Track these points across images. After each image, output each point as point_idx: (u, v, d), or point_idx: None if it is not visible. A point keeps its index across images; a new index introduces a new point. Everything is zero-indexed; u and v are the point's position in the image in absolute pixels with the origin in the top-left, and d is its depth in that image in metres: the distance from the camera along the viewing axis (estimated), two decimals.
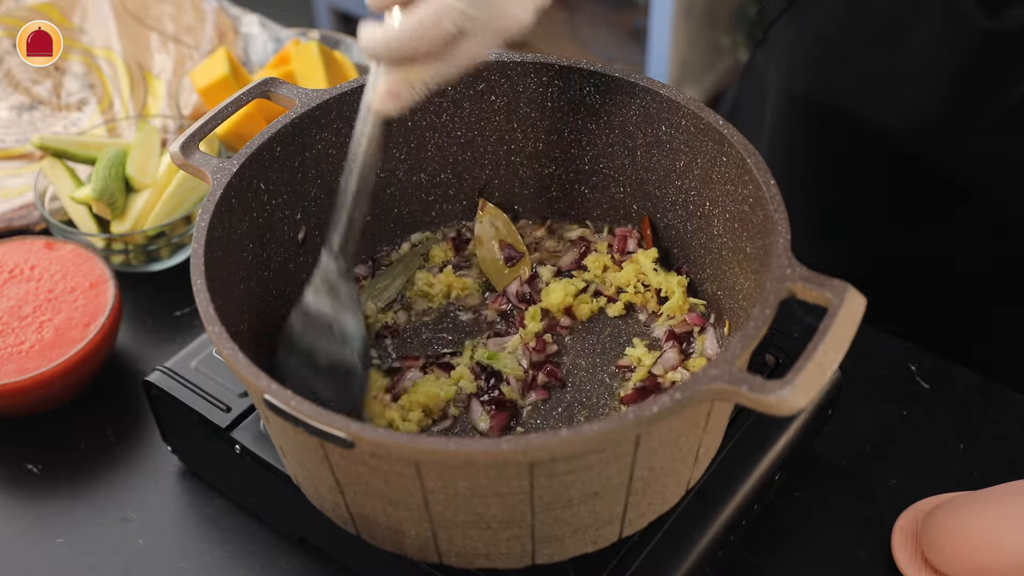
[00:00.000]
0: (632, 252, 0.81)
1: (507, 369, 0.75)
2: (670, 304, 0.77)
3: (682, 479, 0.67)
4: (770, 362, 0.78)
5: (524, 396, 0.74)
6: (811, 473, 0.82)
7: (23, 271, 0.89)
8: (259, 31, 1.22)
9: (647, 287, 0.79)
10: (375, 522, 0.64)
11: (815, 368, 0.54)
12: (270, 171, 0.74)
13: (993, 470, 0.81)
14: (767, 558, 0.77)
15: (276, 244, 0.76)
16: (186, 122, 1.07)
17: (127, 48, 1.18)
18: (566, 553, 0.65)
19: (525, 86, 0.79)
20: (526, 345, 0.76)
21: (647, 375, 0.74)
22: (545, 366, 0.75)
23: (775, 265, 0.60)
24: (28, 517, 0.82)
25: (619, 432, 0.55)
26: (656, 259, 0.80)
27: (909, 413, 0.86)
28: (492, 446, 0.55)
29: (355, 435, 0.55)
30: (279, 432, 0.64)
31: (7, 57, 1.17)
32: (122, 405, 0.89)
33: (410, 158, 0.82)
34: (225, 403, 0.76)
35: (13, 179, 1.07)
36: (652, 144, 0.77)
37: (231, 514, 0.81)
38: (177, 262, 0.99)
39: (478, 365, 0.75)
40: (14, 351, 0.84)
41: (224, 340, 0.60)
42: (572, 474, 0.58)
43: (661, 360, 0.75)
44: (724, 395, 0.55)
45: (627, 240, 0.82)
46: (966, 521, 0.72)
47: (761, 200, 0.66)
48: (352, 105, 0.77)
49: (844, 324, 0.56)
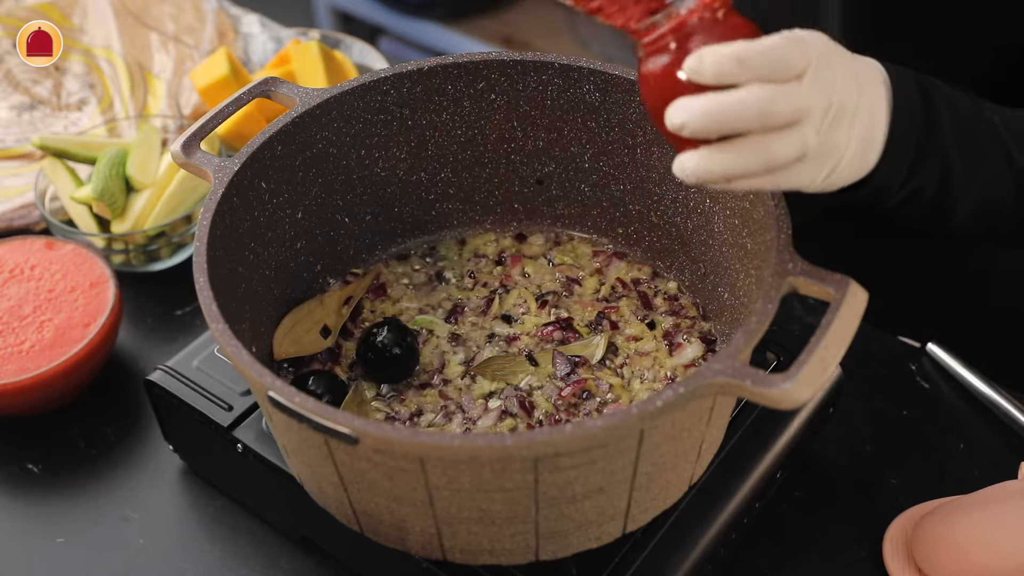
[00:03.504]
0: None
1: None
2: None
3: (685, 475, 0.67)
4: (771, 359, 0.78)
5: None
6: (811, 472, 0.82)
7: (23, 271, 0.89)
8: (259, 31, 1.22)
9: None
10: (379, 519, 0.64)
11: (818, 362, 0.54)
12: (271, 170, 0.74)
13: (993, 470, 0.81)
14: (767, 557, 0.77)
15: (277, 243, 0.76)
16: (186, 122, 1.07)
17: (127, 48, 1.18)
18: (569, 549, 0.65)
19: (525, 85, 0.79)
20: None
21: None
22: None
23: (776, 260, 0.60)
24: (28, 517, 0.82)
25: (623, 427, 0.55)
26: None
27: (909, 413, 0.86)
28: (496, 441, 0.55)
29: (359, 431, 0.55)
30: (283, 429, 0.64)
31: (7, 57, 1.17)
32: (122, 405, 0.89)
33: (410, 157, 0.82)
34: (227, 402, 0.76)
35: (13, 179, 1.07)
36: (652, 142, 0.77)
37: (232, 513, 0.81)
38: (177, 262, 0.99)
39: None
40: (14, 351, 0.84)
41: (227, 337, 0.60)
42: (576, 469, 0.58)
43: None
44: (727, 389, 0.55)
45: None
46: (956, 526, 0.71)
47: (761, 196, 0.66)
48: (352, 104, 0.77)
49: (846, 318, 0.56)
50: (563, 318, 0.79)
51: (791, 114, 0.55)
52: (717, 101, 0.54)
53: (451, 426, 0.73)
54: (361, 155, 0.80)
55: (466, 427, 0.73)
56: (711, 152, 0.56)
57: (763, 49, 0.54)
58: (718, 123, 0.55)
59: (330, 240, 0.81)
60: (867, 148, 0.61)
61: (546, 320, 0.79)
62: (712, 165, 0.56)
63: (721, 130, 0.55)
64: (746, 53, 0.54)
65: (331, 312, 0.79)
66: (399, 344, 0.75)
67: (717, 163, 0.56)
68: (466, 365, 0.77)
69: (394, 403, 0.75)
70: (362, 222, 0.83)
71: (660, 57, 0.56)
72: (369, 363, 0.75)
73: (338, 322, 0.79)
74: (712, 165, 0.56)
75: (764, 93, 0.54)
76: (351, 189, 0.81)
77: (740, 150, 0.56)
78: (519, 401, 0.73)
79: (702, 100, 0.55)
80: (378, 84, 0.77)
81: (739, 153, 0.56)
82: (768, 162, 0.56)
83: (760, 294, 0.60)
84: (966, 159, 0.67)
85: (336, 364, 0.77)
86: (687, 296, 0.81)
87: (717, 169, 0.56)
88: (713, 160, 0.56)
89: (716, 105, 0.54)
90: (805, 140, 0.56)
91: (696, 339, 0.77)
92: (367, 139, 0.79)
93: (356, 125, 0.78)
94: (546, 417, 0.73)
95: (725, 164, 0.56)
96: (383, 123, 0.79)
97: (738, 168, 0.56)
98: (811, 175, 0.59)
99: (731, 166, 0.56)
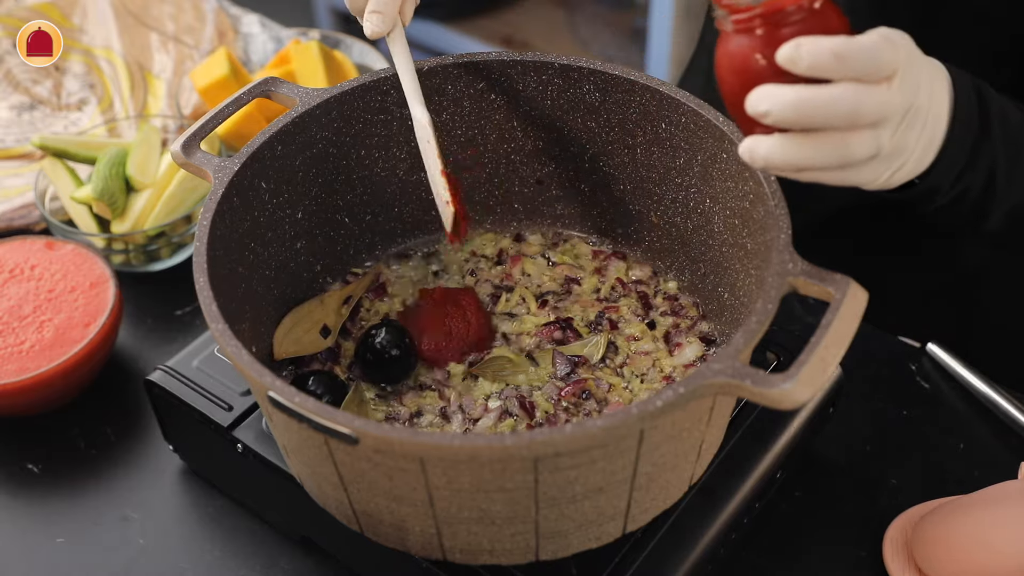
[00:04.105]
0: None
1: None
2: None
3: (685, 475, 0.67)
4: (771, 359, 0.78)
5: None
6: (811, 472, 0.82)
7: (23, 271, 0.89)
8: (259, 31, 1.22)
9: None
10: (379, 519, 0.64)
11: (818, 362, 0.54)
12: (271, 170, 0.74)
13: (993, 470, 0.81)
14: (767, 557, 0.77)
15: (277, 243, 0.76)
16: (186, 122, 1.07)
17: (127, 48, 1.18)
18: (569, 549, 0.65)
19: (525, 85, 0.79)
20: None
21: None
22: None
23: (776, 260, 0.60)
24: (28, 517, 0.82)
25: (623, 427, 0.55)
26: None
27: (909, 413, 0.86)
28: (496, 441, 0.55)
29: (359, 431, 0.55)
30: (283, 429, 0.64)
31: (7, 57, 1.17)
32: (122, 405, 0.89)
33: (410, 157, 0.82)
34: (227, 402, 0.76)
35: (13, 179, 1.07)
36: (652, 142, 0.77)
37: (232, 513, 0.81)
38: (177, 262, 0.99)
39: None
40: (14, 351, 0.84)
41: (227, 337, 0.60)
42: (576, 469, 0.58)
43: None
44: (727, 389, 0.55)
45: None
46: (956, 526, 0.71)
47: (762, 196, 0.66)
48: (352, 104, 0.77)
49: (846, 318, 0.56)
50: (563, 318, 0.79)
51: (876, 116, 0.55)
52: (809, 96, 0.54)
53: (451, 426, 0.73)
54: (361, 155, 0.80)
55: (466, 427, 0.73)
56: (788, 141, 0.55)
57: (862, 47, 0.54)
58: (806, 117, 0.54)
59: (330, 240, 0.81)
60: (928, 150, 0.62)
61: (546, 320, 0.79)
62: (787, 155, 0.56)
63: (805, 124, 0.55)
64: (845, 50, 0.53)
65: (331, 312, 0.79)
66: (398, 345, 0.75)
67: (792, 154, 0.56)
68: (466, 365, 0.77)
69: (394, 403, 0.75)
70: (362, 222, 0.83)
71: (749, 37, 0.55)
72: (368, 364, 0.75)
73: (338, 322, 0.79)
74: (787, 155, 0.56)
75: (856, 93, 0.54)
76: (351, 189, 0.81)
77: (819, 145, 0.55)
78: (519, 401, 0.73)
79: (792, 92, 0.54)
80: (378, 84, 0.77)
81: (818, 148, 0.55)
82: (845, 160, 0.56)
83: (760, 294, 0.60)
84: (1011, 163, 0.68)
85: (336, 364, 0.77)
86: (687, 296, 0.81)
87: (792, 160, 0.56)
88: (789, 150, 0.56)
89: (807, 100, 0.54)
90: (880, 141, 0.56)
91: (696, 339, 0.77)
92: (367, 139, 0.79)
93: (356, 125, 0.78)
94: (546, 417, 0.73)
95: (801, 156, 0.56)
96: (383, 123, 0.79)
97: (814, 162, 0.56)
98: (877, 173, 0.59)
99: (807, 159, 0.56)
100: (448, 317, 0.77)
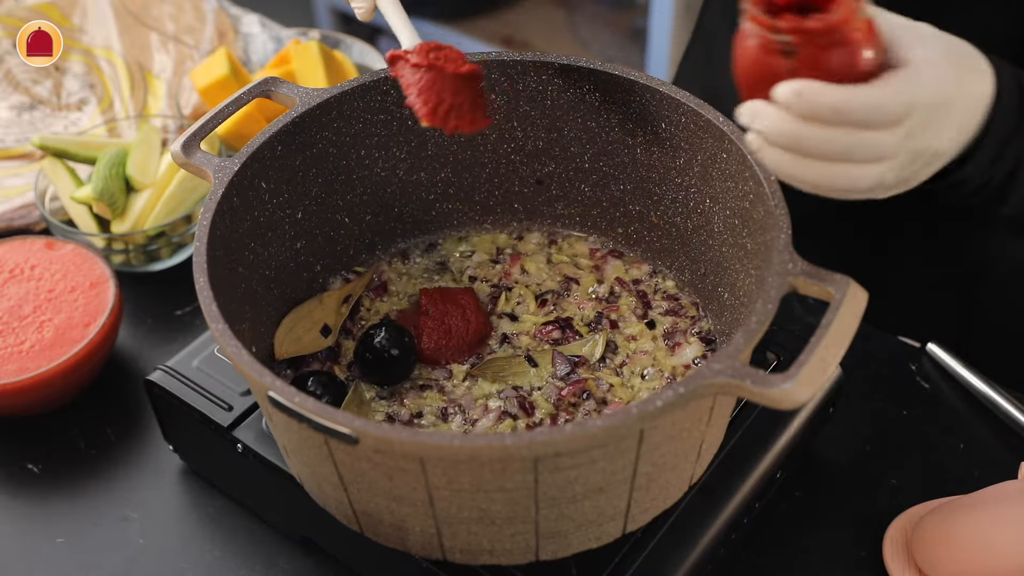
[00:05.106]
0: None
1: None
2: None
3: (685, 475, 0.67)
4: (771, 359, 0.78)
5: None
6: (811, 472, 0.82)
7: (23, 271, 0.89)
8: (259, 31, 1.22)
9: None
10: (379, 519, 0.64)
11: (818, 362, 0.54)
12: (271, 170, 0.74)
13: (993, 470, 0.81)
14: (767, 557, 0.77)
15: (277, 243, 0.76)
16: (186, 122, 1.07)
17: (127, 48, 1.18)
18: (569, 549, 0.65)
19: (525, 85, 0.79)
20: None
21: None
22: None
23: (776, 260, 0.60)
24: (28, 517, 0.82)
25: (623, 427, 0.55)
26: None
27: (909, 413, 0.86)
28: (496, 441, 0.55)
29: (359, 431, 0.55)
30: (283, 429, 0.64)
31: (7, 57, 1.17)
32: (122, 405, 0.89)
33: (410, 157, 0.82)
34: (227, 402, 0.76)
35: (13, 179, 1.07)
36: (652, 141, 0.77)
37: (232, 514, 0.81)
38: (177, 262, 0.99)
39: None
40: (14, 351, 0.84)
41: (228, 337, 0.60)
42: (576, 469, 0.58)
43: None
44: (727, 389, 0.55)
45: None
46: (956, 526, 0.71)
47: (762, 196, 0.66)
48: (352, 104, 0.77)
49: (846, 318, 0.56)
50: (562, 317, 0.79)
51: (872, 158, 0.56)
52: (805, 135, 0.55)
53: (451, 427, 0.73)
54: (361, 155, 0.80)
55: (466, 428, 0.73)
56: (795, 158, 0.57)
57: (864, 102, 0.54)
58: (797, 149, 0.56)
59: (330, 240, 0.81)
60: (933, 167, 0.61)
61: (545, 319, 0.79)
62: (791, 171, 0.57)
63: (797, 153, 0.56)
64: (845, 105, 0.54)
65: (331, 311, 0.79)
66: (398, 345, 0.75)
67: (789, 169, 0.57)
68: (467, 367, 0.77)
69: (394, 404, 0.75)
70: (362, 222, 0.83)
71: (772, 41, 0.55)
72: (367, 364, 0.75)
73: (338, 321, 0.79)
74: (791, 171, 0.57)
75: (848, 140, 0.55)
76: (351, 189, 0.81)
77: (818, 168, 0.56)
78: (519, 401, 0.73)
79: (790, 126, 0.55)
80: (378, 84, 0.77)
81: (817, 170, 0.57)
82: (842, 187, 0.57)
83: (760, 294, 0.60)
84: None
85: (335, 364, 0.77)
86: (687, 296, 0.81)
87: (795, 175, 0.57)
88: (795, 167, 0.57)
89: (802, 137, 0.55)
90: (884, 178, 0.57)
91: (696, 339, 0.77)
92: (367, 139, 0.79)
93: (356, 125, 0.78)
94: (546, 417, 0.73)
95: (797, 172, 0.57)
96: (383, 123, 0.79)
97: (817, 182, 0.57)
98: (880, 194, 0.60)
99: (803, 176, 0.57)
100: (448, 317, 0.77)
